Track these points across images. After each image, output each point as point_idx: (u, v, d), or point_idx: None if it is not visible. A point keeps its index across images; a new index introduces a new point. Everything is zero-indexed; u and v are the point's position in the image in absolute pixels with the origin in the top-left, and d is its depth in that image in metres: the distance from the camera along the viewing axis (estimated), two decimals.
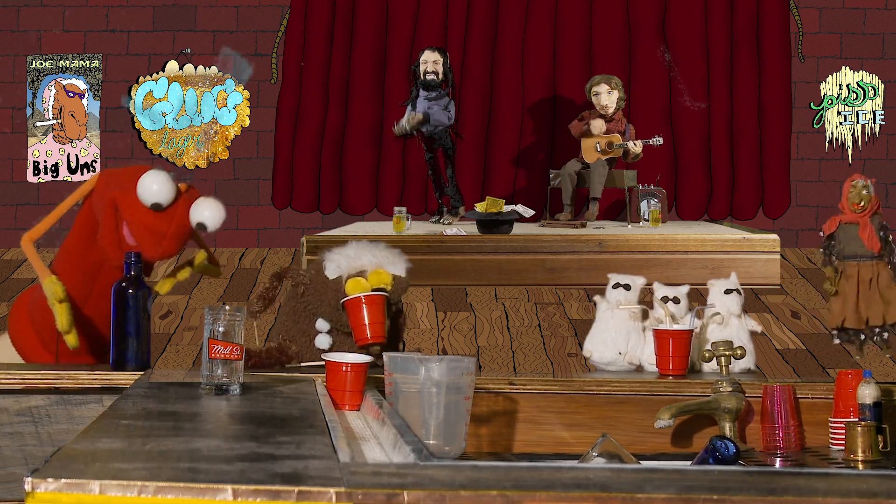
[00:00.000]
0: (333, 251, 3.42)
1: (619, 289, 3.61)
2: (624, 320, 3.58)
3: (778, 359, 6.81)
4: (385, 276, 3.36)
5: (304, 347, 3.46)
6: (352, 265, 3.38)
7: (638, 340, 3.56)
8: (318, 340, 3.44)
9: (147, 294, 3.31)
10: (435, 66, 9.05)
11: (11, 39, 10.00)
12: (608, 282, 3.68)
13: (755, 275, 8.21)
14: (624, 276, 3.64)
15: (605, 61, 10.06)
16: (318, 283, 3.40)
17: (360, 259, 3.37)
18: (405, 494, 1.78)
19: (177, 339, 7.16)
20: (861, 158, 10.16)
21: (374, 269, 3.36)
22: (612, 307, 3.60)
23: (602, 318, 3.61)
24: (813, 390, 3.29)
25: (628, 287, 3.61)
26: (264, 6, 10.14)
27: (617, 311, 3.59)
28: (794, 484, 1.93)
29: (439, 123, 8.98)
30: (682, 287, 3.62)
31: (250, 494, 1.75)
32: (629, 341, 3.56)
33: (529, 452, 3.17)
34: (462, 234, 8.53)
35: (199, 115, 10.09)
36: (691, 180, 10.18)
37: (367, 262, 3.37)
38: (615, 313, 3.59)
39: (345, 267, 3.38)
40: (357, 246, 3.43)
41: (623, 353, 3.54)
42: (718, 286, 3.67)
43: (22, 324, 3.75)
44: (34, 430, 3.05)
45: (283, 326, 3.50)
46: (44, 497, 1.73)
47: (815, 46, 10.20)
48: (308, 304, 3.43)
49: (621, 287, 3.61)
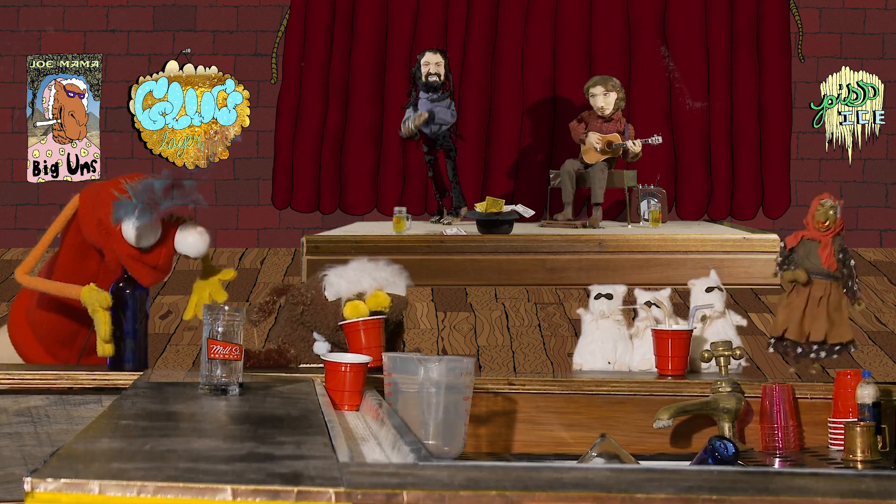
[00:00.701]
0: (334, 272, 3.43)
1: (602, 299, 3.61)
2: (609, 329, 3.58)
3: (778, 358, 6.81)
4: (383, 298, 3.38)
5: (303, 352, 3.47)
6: (351, 289, 3.40)
7: (626, 348, 3.56)
8: (316, 347, 3.46)
9: (145, 295, 3.31)
10: (437, 67, 9.05)
11: (11, 39, 10.00)
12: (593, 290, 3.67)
13: (755, 275, 8.21)
14: (605, 286, 3.65)
15: (605, 61, 10.06)
16: (317, 304, 3.43)
17: (359, 282, 3.40)
18: (404, 494, 1.78)
19: (177, 339, 7.15)
20: (861, 158, 10.16)
21: (373, 291, 3.39)
22: (597, 318, 3.61)
23: (588, 330, 3.62)
24: (812, 390, 3.29)
25: (610, 296, 3.61)
26: (264, 6, 10.13)
27: (602, 321, 3.59)
28: (794, 484, 1.93)
29: (444, 122, 8.98)
30: (664, 290, 3.62)
31: (249, 494, 1.75)
32: (617, 350, 3.56)
33: (529, 453, 3.17)
34: (462, 234, 8.53)
35: (199, 115, 10.09)
36: (691, 180, 10.17)
37: (367, 285, 3.40)
38: (600, 323, 3.59)
39: (344, 290, 3.40)
40: (357, 267, 3.44)
41: (612, 363, 3.55)
42: (700, 285, 3.67)
43: (21, 327, 3.74)
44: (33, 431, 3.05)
45: (283, 331, 3.51)
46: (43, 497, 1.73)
47: (815, 46, 10.19)
48: (306, 322, 3.46)
49: (603, 297, 3.61)
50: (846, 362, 6.66)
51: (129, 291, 3.28)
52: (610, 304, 3.60)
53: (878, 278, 8.79)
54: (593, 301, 3.62)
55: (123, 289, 3.28)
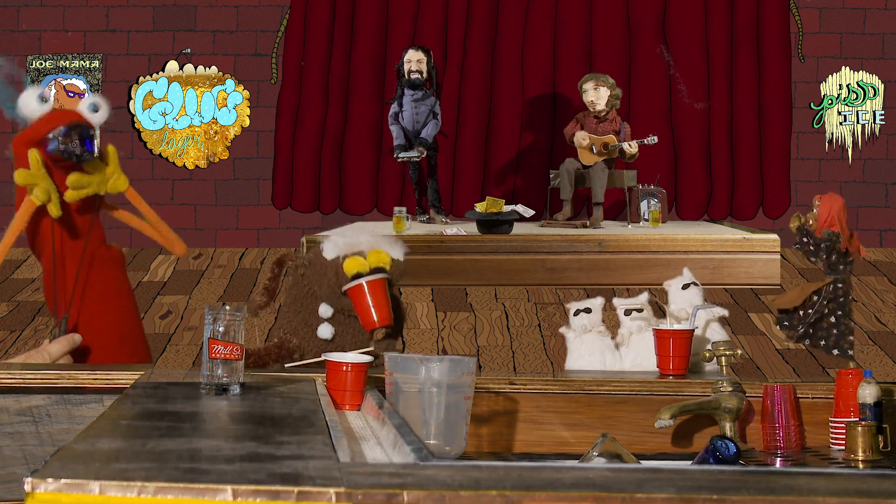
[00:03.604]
0: (332, 234, 3.43)
1: (581, 314, 3.61)
2: (594, 342, 3.58)
3: (778, 359, 6.81)
4: (384, 255, 3.37)
5: (306, 340, 3.45)
6: (349, 245, 3.39)
7: (614, 357, 3.57)
8: (320, 331, 3.44)
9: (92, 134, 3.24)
10: (419, 65, 9.04)
11: (11, 39, 10.00)
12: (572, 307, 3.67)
13: (755, 275, 8.21)
14: (582, 302, 3.65)
15: (605, 61, 10.06)
16: (317, 263, 3.41)
17: (357, 241, 3.39)
18: (405, 494, 1.78)
19: (177, 339, 7.15)
20: (861, 158, 10.16)
21: (372, 249, 3.38)
22: (579, 333, 3.61)
23: (573, 347, 3.62)
24: (813, 390, 3.29)
25: (589, 310, 3.61)
26: (264, 6, 10.14)
27: (585, 336, 3.60)
28: (794, 484, 1.93)
29: (428, 136, 9.02)
30: (642, 296, 3.62)
31: (250, 495, 1.75)
32: (605, 360, 3.57)
33: (530, 452, 3.16)
34: (462, 234, 8.53)
35: (199, 115, 10.09)
36: (691, 180, 10.18)
37: (365, 243, 3.38)
38: (584, 338, 3.60)
39: (342, 246, 3.38)
40: (354, 228, 3.46)
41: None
42: (675, 284, 3.67)
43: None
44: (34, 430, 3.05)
45: (286, 318, 3.50)
46: (44, 497, 1.73)
47: (815, 46, 10.20)
48: (309, 287, 3.43)
49: (582, 312, 3.62)
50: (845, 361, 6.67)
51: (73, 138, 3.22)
52: (590, 317, 3.60)
53: (878, 278, 8.79)
54: (573, 318, 3.63)
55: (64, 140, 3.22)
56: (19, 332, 7.36)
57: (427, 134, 9.02)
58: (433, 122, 9.04)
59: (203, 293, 8.03)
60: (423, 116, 9.05)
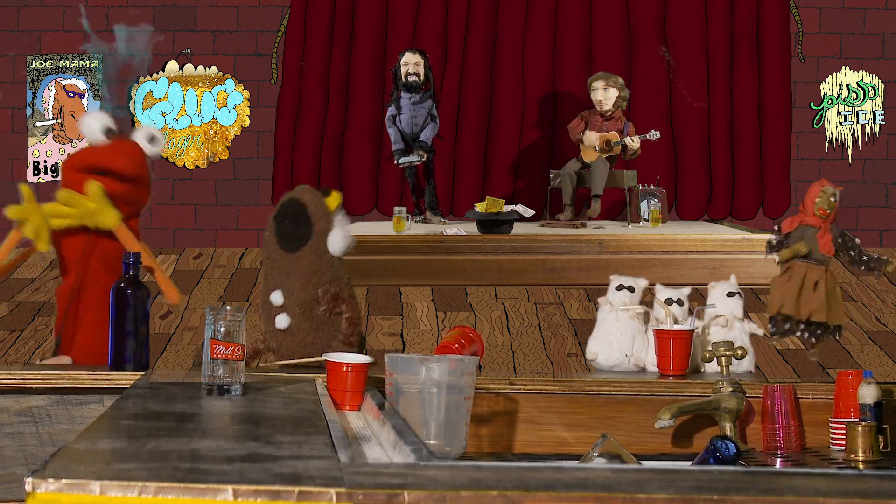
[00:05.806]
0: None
1: (623, 290, 3.59)
2: (628, 322, 3.56)
3: (778, 359, 6.81)
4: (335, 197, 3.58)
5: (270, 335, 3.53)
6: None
7: (642, 343, 3.55)
8: (277, 321, 3.50)
9: (146, 294, 3.32)
10: (416, 67, 9.04)
11: (11, 39, 9.99)
12: (609, 282, 3.66)
13: (755, 275, 8.20)
14: (627, 278, 3.63)
15: (606, 61, 10.06)
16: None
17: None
18: (405, 495, 1.78)
19: (177, 339, 7.15)
20: (861, 158, 10.16)
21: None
22: (616, 309, 3.58)
23: (606, 320, 3.58)
24: (813, 390, 3.29)
25: (632, 289, 3.59)
26: (264, 6, 10.13)
27: (621, 313, 3.57)
28: (794, 484, 1.93)
29: (427, 139, 9.02)
30: (684, 289, 3.61)
31: (251, 495, 1.75)
32: (634, 344, 3.55)
33: (530, 453, 3.17)
34: (462, 234, 8.53)
35: (199, 115, 10.09)
36: (691, 180, 10.18)
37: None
38: (619, 315, 3.57)
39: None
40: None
41: (629, 356, 3.53)
42: (720, 289, 3.66)
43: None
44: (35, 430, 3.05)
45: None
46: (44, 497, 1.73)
47: (815, 46, 10.20)
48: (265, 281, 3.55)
49: (625, 289, 3.60)
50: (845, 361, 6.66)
51: (130, 291, 3.28)
52: (632, 296, 3.59)
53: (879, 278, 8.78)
54: (614, 291, 3.60)
55: (125, 288, 3.28)
56: (19, 332, 7.36)
57: (426, 137, 9.02)
58: (431, 124, 9.04)
59: (203, 293, 8.03)
60: (421, 119, 9.05)
